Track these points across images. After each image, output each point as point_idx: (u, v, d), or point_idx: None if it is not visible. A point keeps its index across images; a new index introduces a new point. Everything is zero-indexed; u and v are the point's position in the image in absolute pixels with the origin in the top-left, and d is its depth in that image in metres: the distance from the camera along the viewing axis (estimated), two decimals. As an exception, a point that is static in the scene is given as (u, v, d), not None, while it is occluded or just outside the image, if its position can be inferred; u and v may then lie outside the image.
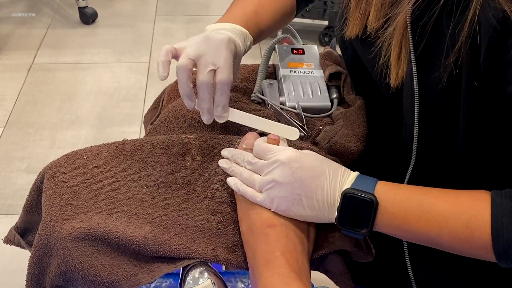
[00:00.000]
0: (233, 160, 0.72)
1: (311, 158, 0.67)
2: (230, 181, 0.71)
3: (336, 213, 0.64)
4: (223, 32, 0.77)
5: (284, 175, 0.65)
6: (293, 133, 0.75)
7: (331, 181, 0.65)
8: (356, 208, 0.63)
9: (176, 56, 0.75)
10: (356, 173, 0.67)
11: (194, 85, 0.75)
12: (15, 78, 2.46)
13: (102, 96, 2.37)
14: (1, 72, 2.51)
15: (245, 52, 0.82)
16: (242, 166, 0.71)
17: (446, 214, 0.61)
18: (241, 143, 0.73)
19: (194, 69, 0.75)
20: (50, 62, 2.59)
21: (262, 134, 0.76)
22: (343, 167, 0.68)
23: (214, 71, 0.73)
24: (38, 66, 2.55)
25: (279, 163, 0.66)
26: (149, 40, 2.80)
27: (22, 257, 0.72)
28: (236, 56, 0.77)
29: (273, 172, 0.66)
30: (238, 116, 0.77)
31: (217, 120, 0.76)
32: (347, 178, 0.66)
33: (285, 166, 0.65)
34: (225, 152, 0.74)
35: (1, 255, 1.60)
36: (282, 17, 0.92)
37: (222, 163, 0.73)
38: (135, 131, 2.17)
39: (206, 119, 0.76)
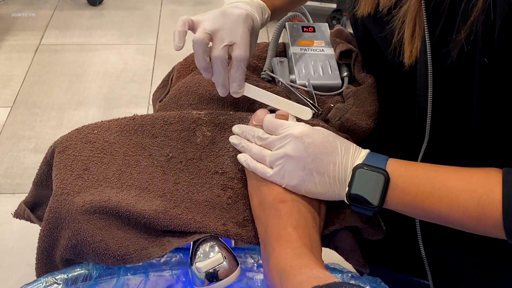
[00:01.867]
0: (243, 136, 0.72)
1: (324, 134, 0.66)
2: (241, 157, 0.70)
3: (347, 189, 0.64)
4: (241, 6, 0.77)
5: (296, 149, 0.65)
6: (307, 113, 0.75)
7: (342, 157, 0.65)
8: (368, 183, 0.63)
9: (192, 28, 0.74)
10: (367, 150, 0.67)
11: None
12: (22, 58, 2.46)
13: (109, 77, 2.37)
14: (9, 52, 2.51)
15: (262, 25, 0.82)
16: (252, 142, 0.71)
17: (458, 191, 0.61)
18: (252, 120, 0.73)
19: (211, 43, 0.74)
20: (57, 43, 2.59)
21: (272, 111, 0.76)
22: (355, 145, 0.67)
23: (230, 46, 0.72)
24: (45, 47, 2.55)
25: (292, 138, 0.65)
26: (156, 22, 2.79)
27: (30, 235, 0.72)
28: (254, 31, 0.77)
29: (285, 147, 0.66)
30: (254, 92, 0.76)
31: (232, 95, 0.76)
32: (359, 154, 0.66)
33: (298, 140, 0.65)
34: (235, 128, 0.73)
35: (10, 233, 1.61)
36: None
37: (232, 139, 0.72)
38: (141, 112, 2.16)
39: (221, 92, 0.75)
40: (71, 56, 2.50)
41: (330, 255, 0.75)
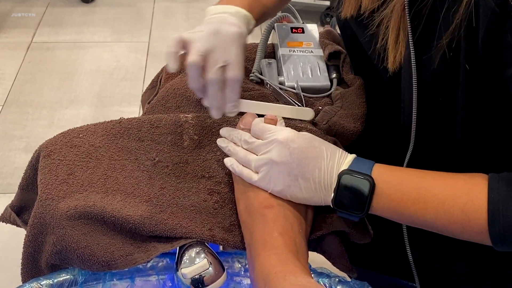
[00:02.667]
0: (230, 139, 0.71)
1: (309, 139, 0.66)
2: (227, 161, 0.70)
3: (333, 194, 0.64)
4: (229, 21, 0.75)
5: (281, 154, 0.64)
6: (308, 113, 0.75)
7: (328, 162, 0.64)
8: (353, 189, 0.63)
9: (184, 47, 0.72)
10: (353, 155, 0.66)
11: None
12: (14, 56, 2.44)
13: (101, 75, 2.35)
14: (0, 50, 2.49)
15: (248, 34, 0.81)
16: (239, 146, 0.70)
17: (442, 197, 0.60)
18: (239, 123, 0.72)
19: None
20: (49, 40, 2.57)
21: (259, 115, 0.75)
22: (341, 149, 0.67)
23: (224, 66, 0.71)
24: (37, 45, 2.53)
25: (277, 143, 0.65)
26: (149, 19, 2.78)
27: (21, 235, 0.72)
28: (244, 48, 0.76)
29: (270, 152, 0.65)
30: (249, 106, 0.75)
31: (227, 115, 0.74)
32: (344, 159, 0.65)
33: (283, 145, 0.64)
34: (223, 131, 0.73)
35: (1, 233, 1.60)
36: None
37: (220, 141, 0.72)
38: (134, 111, 2.16)
39: (215, 114, 0.73)
40: (63, 53, 2.48)
41: (318, 259, 0.74)
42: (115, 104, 2.20)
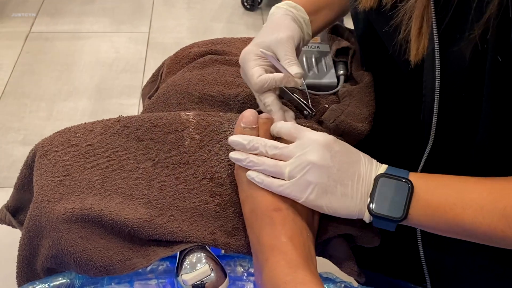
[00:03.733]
0: (249, 147, 0.65)
1: (345, 143, 0.63)
2: (251, 174, 0.64)
3: (369, 199, 0.61)
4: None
5: (323, 157, 0.60)
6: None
7: (366, 168, 0.62)
8: (391, 192, 0.60)
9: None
10: (387, 165, 0.64)
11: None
12: (12, 46, 2.41)
13: (101, 67, 2.32)
14: (-2, 40, 2.46)
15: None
16: (258, 154, 0.65)
17: (481, 202, 0.58)
18: (239, 121, 0.68)
19: None
20: (48, 31, 2.53)
21: (261, 112, 0.72)
22: (373, 159, 0.64)
23: None
24: (36, 35, 2.50)
25: (316, 145, 0.61)
26: (149, 9, 2.74)
27: (19, 231, 0.69)
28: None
29: (308, 154, 0.61)
30: None
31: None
32: (379, 167, 0.63)
33: (324, 148, 0.61)
34: (235, 138, 0.66)
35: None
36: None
37: (235, 154, 0.66)
38: (134, 103, 2.13)
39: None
40: (62, 44, 2.45)
41: (324, 264, 0.72)
42: (115, 97, 2.17)
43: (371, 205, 0.61)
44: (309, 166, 0.60)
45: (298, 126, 0.65)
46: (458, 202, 0.59)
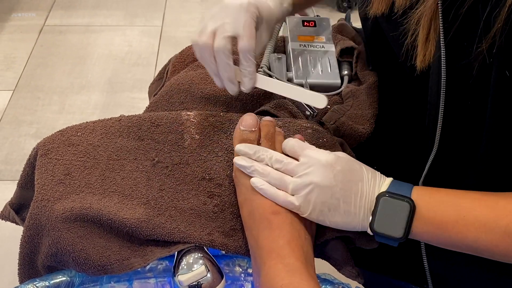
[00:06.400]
0: (255, 157, 0.66)
1: (349, 161, 0.63)
2: (256, 181, 0.64)
3: (371, 217, 0.61)
4: None
5: (325, 178, 0.61)
6: (322, 101, 0.72)
7: (370, 185, 0.62)
8: (392, 212, 0.60)
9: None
10: (391, 178, 0.64)
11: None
12: (26, 39, 2.42)
13: (113, 60, 2.33)
14: (12, 33, 2.47)
15: (283, 14, 0.78)
16: (264, 164, 0.65)
17: (484, 219, 0.58)
18: (239, 124, 0.68)
19: None
20: (62, 24, 2.54)
21: (261, 114, 0.72)
22: (377, 172, 0.64)
23: (234, 38, 0.69)
24: (50, 28, 2.51)
25: (318, 165, 0.61)
26: (162, 2, 2.74)
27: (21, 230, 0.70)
28: (263, 20, 0.73)
29: (311, 174, 0.61)
30: (265, 83, 0.73)
31: (243, 89, 0.73)
32: (383, 181, 0.63)
33: (326, 168, 0.61)
34: (241, 147, 0.66)
35: (6, 222, 1.60)
36: None
37: (239, 160, 0.66)
38: (145, 97, 2.12)
39: (230, 89, 0.72)
40: (75, 37, 2.46)
41: (322, 265, 0.72)
42: (127, 90, 2.17)
43: (373, 223, 0.61)
44: (312, 186, 0.61)
45: (302, 144, 0.65)
46: (460, 219, 0.59)
